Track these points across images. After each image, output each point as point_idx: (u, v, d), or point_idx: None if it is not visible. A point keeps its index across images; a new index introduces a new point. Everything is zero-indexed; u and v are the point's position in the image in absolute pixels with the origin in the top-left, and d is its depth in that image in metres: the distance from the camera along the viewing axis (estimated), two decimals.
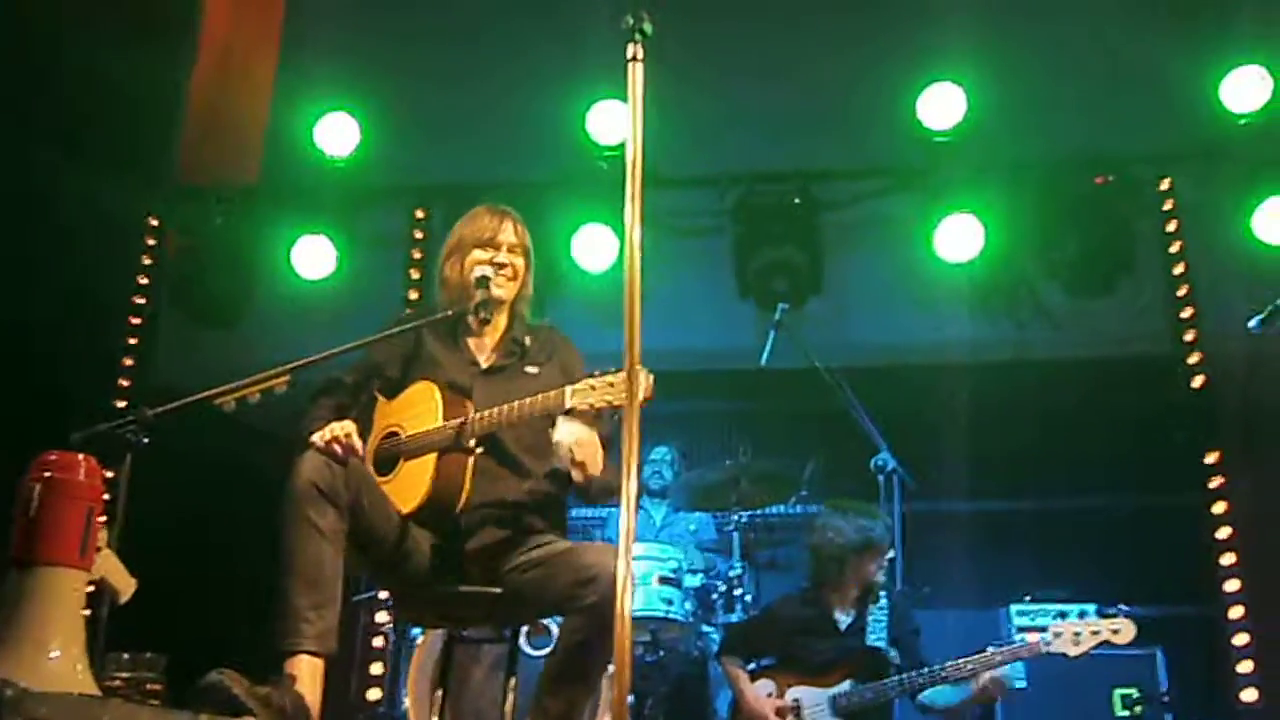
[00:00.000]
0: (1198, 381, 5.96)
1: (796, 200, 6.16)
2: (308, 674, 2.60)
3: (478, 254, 3.25)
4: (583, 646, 2.76)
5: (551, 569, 2.86)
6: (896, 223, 6.30)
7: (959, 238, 6.02)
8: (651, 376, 2.56)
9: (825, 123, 6.42)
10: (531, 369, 3.22)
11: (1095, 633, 3.68)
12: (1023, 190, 6.14)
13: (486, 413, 2.96)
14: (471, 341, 3.30)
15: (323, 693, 2.63)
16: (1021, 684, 3.99)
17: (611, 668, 3.85)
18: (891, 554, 4.23)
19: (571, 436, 2.87)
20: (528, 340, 3.29)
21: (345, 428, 2.87)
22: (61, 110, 5.62)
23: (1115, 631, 3.68)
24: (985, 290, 6.17)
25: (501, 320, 3.32)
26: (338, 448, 2.81)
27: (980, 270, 6.12)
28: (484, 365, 3.25)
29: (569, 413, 2.84)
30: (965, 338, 6.16)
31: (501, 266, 3.25)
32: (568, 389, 2.80)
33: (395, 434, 3.12)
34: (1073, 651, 3.68)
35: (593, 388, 2.75)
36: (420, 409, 3.09)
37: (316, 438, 2.84)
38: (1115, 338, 6.17)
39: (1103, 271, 6.03)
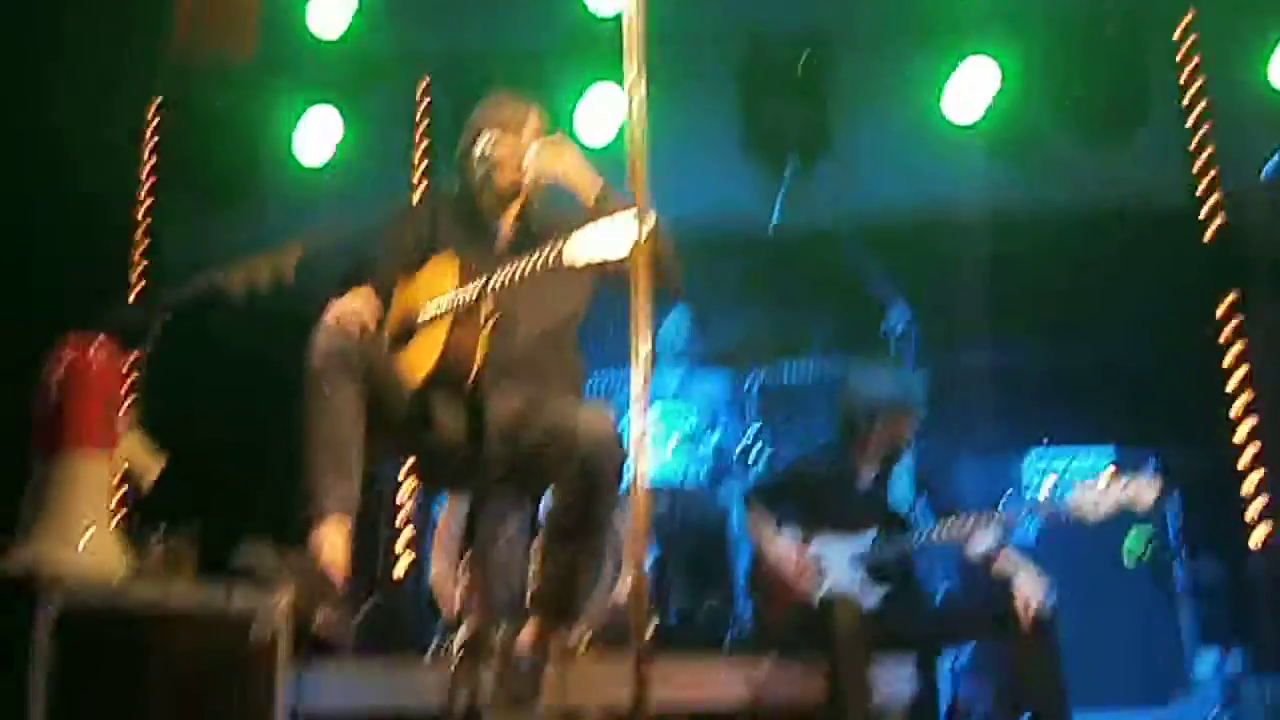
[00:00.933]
0: (1214, 226, 5.92)
1: (805, 55, 6.03)
2: (334, 535, 2.69)
3: (509, 137, 3.26)
4: (572, 505, 2.83)
5: (548, 435, 2.91)
6: (906, 77, 6.17)
7: (971, 88, 5.91)
8: (653, 217, 2.56)
9: None
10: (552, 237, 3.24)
11: (1115, 499, 3.67)
12: (1035, 38, 6.00)
13: (494, 276, 2.98)
14: (490, 221, 3.33)
15: (351, 559, 2.72)
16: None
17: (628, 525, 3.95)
18: (922, 414, 4.20)
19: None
20: (548, 214, 3.31)
21: (352, 303, 2.90)
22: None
23: (1135, 498, 3.66)
24: (997, 143, 6.07)
25: (517, 201, 3.32)
26: (352, 320, 2.86)
27: (992, 123, 6.01)
28: (505, 236, 3.30)
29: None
30: (978, 191, 6.07)
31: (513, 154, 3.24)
32: (565, 242, 2.81)
33: (412, 308, 3.15)
34: (1093, 518, 3.70)
35: (590, 239, 2.76)
36: (436, 282, 3.12)
37: (329, 315, 2.88)
38: (1130, 188, 6.09)
39: (1116, 119, 5.92)
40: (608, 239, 2.71)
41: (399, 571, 5.68)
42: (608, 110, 6.00)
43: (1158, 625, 4.75)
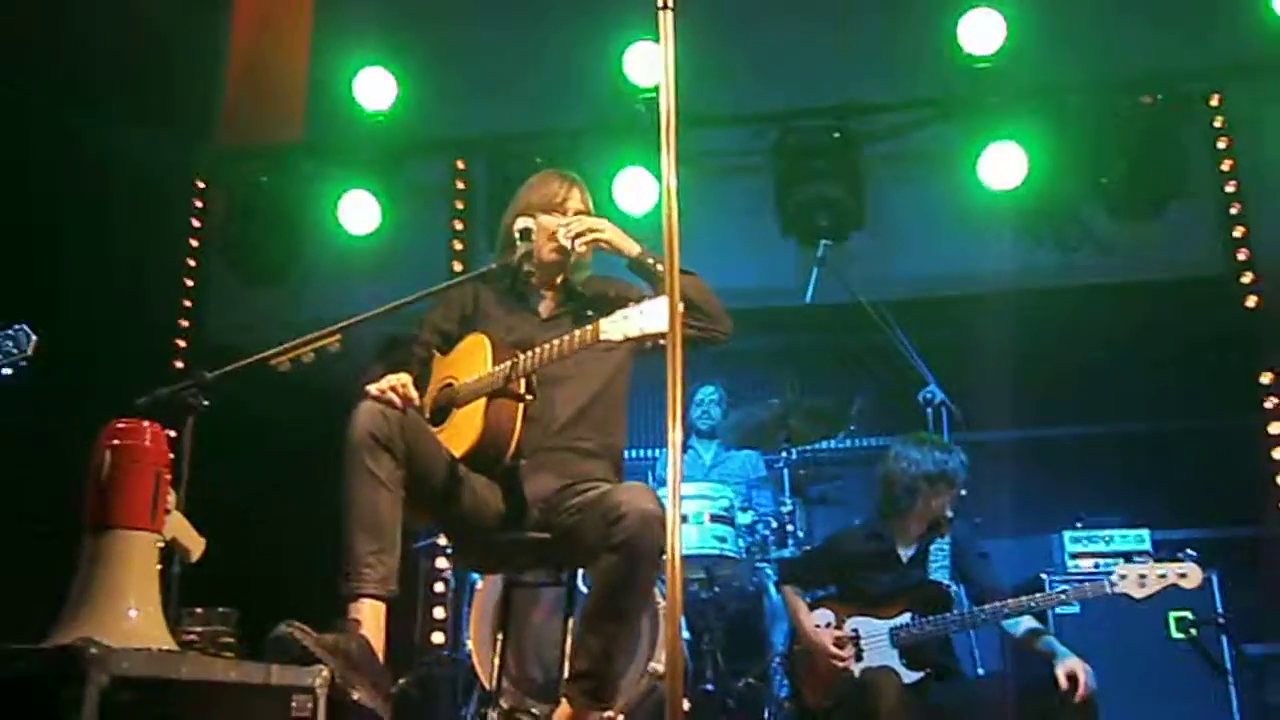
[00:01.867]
0: (1251, 302, 5.91)
1: (836, 135, 6.12)
2: (371, 617, 2.69)
3: (544, 220, 3.32)
4: (614, 585, 2.80)
5: (589, 511, 2.92)
6: (939, 153, 6.24)
7: (1003, 165, 5.97)
8: (683, 305, 2.61)
9: (863, 54, 6.36)
10: (591, 313, 3.28)
11: (1162, 576, 3.64)
12: (1067, 114, 6.07)
13: (528, 354, 3.02)
14: (533, 294, 3.40)
15: (387, 637, 2.72)
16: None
17: (663, 604, 3.94)
18: (963, 491, 4.16)
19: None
20: (589, 289, 3.37)
21: (400, 378, 2.94)
22: (105, 75, 5.69)
23: (1182, 576, 3.64)
24: (1030, 218, 6.11)
25: (560, 275, 3.39)
26: (394, 396, 2.88)
27: (1025, 198, 6.06)
28: (544, 315, 3.36)
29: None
30: (1011, 267, 6.11)
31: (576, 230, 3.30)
32: (603, 321, 2.82)
33: (450, 384, 3.20)
34: (1138, 594, 3.65)
35: (626, 317, 2.78)
36: (472, 359, 3.17)
37: (372, 389, 2.91)
38: (1164, 260, 6.10)
39: (1151, 193, 5.94)
40: (644, 316, 2.74)
41: (438, 640, 5.68)
42: (644, 191, 6.09)
43: (1204, 708, 4.65)
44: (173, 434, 2.69)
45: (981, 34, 5.95)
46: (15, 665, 1.72)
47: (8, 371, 3.65)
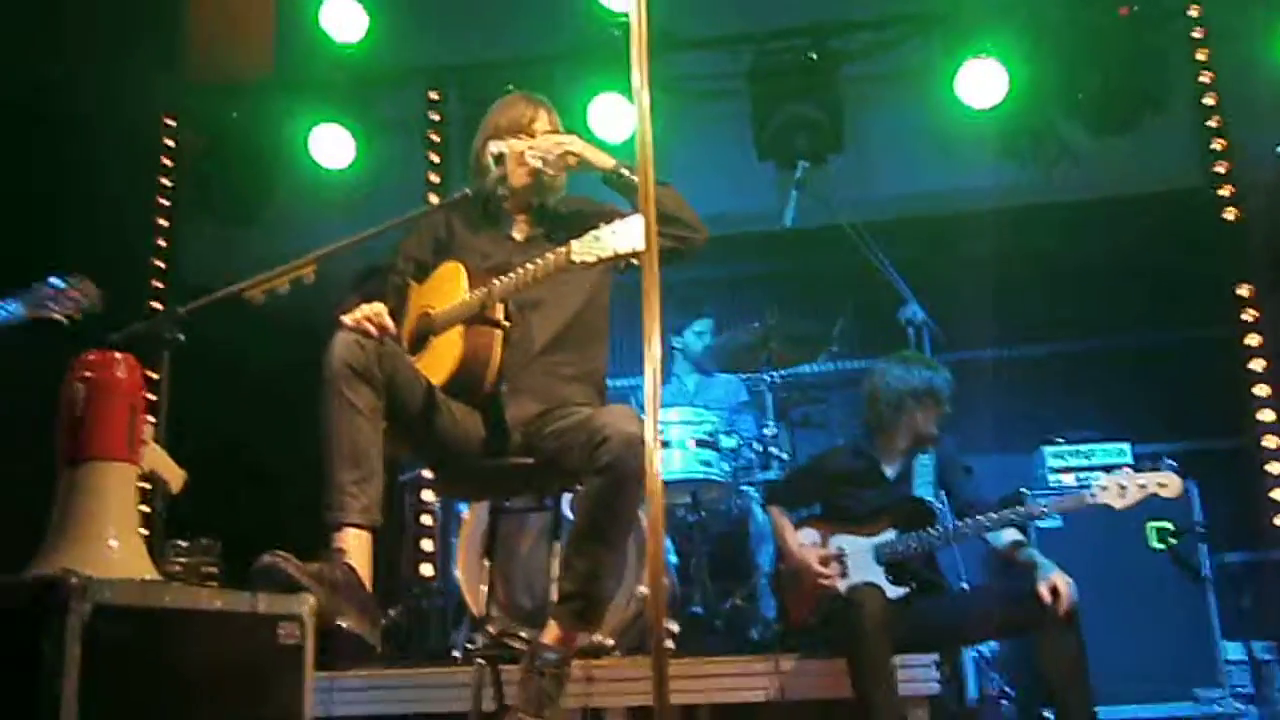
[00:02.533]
0: (1230, 215, 5.90)
1: (812, 55, 6.06)
2: (355, 546, 2.69)
3: (513, 143, 3.28)
4: (599, 507, 2.81)
5: (573, 434, 2.92)
6: (917, 72, 6.18)
7: (981, 82, 5.92)
8: (659, 218, 2.58)
9: None
10: (566, 235, 3.25)
11: (1142, 486, 3.65)
12: (1045, 27, 6.00)
13: (503, 279, 2.99)
14: (507, 218, 3.37)
15: (375, 569, 2.73)
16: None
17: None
18: (948, 408, 4.17)
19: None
20: (563, 209, 3.34)
21: (375, 307, 2.92)
22: (70, 15, 5.58)
23: (1162, 485, 3.66)
24: (1009, 135, 6.07)
25: (529, 196, 3.35)
26: (369, 326, 2.87)
27: (1003, 116, 6.02)
28: (519, 239, 3.33)
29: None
30: (990, 185, 6.10)
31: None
32: (574, 243, 2.80)
33: (427, 313, 3.18)
34: (1119, 505, 3.67)
35: (597, 238, 2.76)
36: (448, 287, 3.15)
37: (348, 319, 2.90)
38: (1143, 175, 6.09)
39: (1128, 107, 5.90)
40: (616, 236, 2.72)
41: (426, 572, 5.72)
42: (620, 117, 6.03)
43: (1184, 616, 4.73)
44: (154, 375, 2.69)
45: None
46: None
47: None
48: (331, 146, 6.35)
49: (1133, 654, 4.51)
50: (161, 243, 6.53)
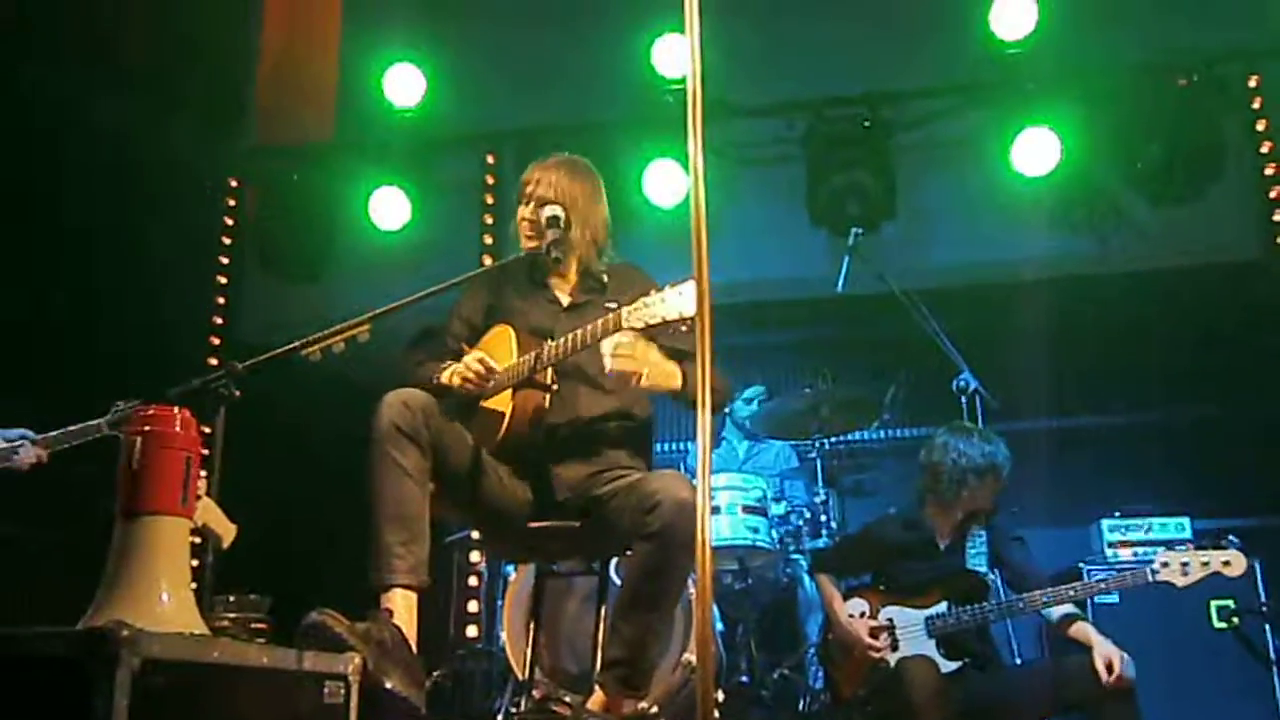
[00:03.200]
0: None
1: (866, 123, 6.08)
2: (403, 607, 2.69)
3: (520, 209, 3.34)
4: (649, 573, 2.79)
5: (623, 499, 2.91)
6: (971, 140, 6.19)
7: (1036, 151, 5.91)
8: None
9: (893, 41, 6.31)
10: (611, 304, 3.27)
11: (1205, 564, 3.59)
12: (1100, 97, 6.00)
13: (552, 344, 3.01)
14: (553, 281, 3.40)
15: (421, 630, 2.72)
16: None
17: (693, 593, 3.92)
18: (1007, 483, 4.10)
19: (611, 343, 2.89)
20: (605, 277, 3.35)
21: (475, 356, 3.01)
22: (138, 77, 5.74)
23: (1226, 564, 3.59)
24: (1064, 204, 6.04)
25: (574, 261, 3.38)
26: (473, 376, 2.97)
27: (1059, 184, 6.00)
28: (565, 303, 3.35)
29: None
30: (1045, 254, 6.05)
31: (533, 223, 3.31)
32: (624, 309, 2.82)
33: None
34: (1180, 583, 3.60)
35: (648, 304, 2.77)
36: (498, 350, 3.17)
37: (445, 376, 3.00)
38: (1202, 245, 6.01)
39: (1188, 178, 5.85)
40: (666, 304, 2.73)
41: (472, 633, 5.69)
42: (673, 183, 6.08)
43: (1247, 698, 4.58)
44: (207, 430, 2.72)
45: (1013, 18, 5.90)
46: (48, 647, 1.73)
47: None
48: (389, 208, 6.46)
49: None
50: (220, 300, 6.65)
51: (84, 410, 4.35)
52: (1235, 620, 4.61)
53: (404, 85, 6.50)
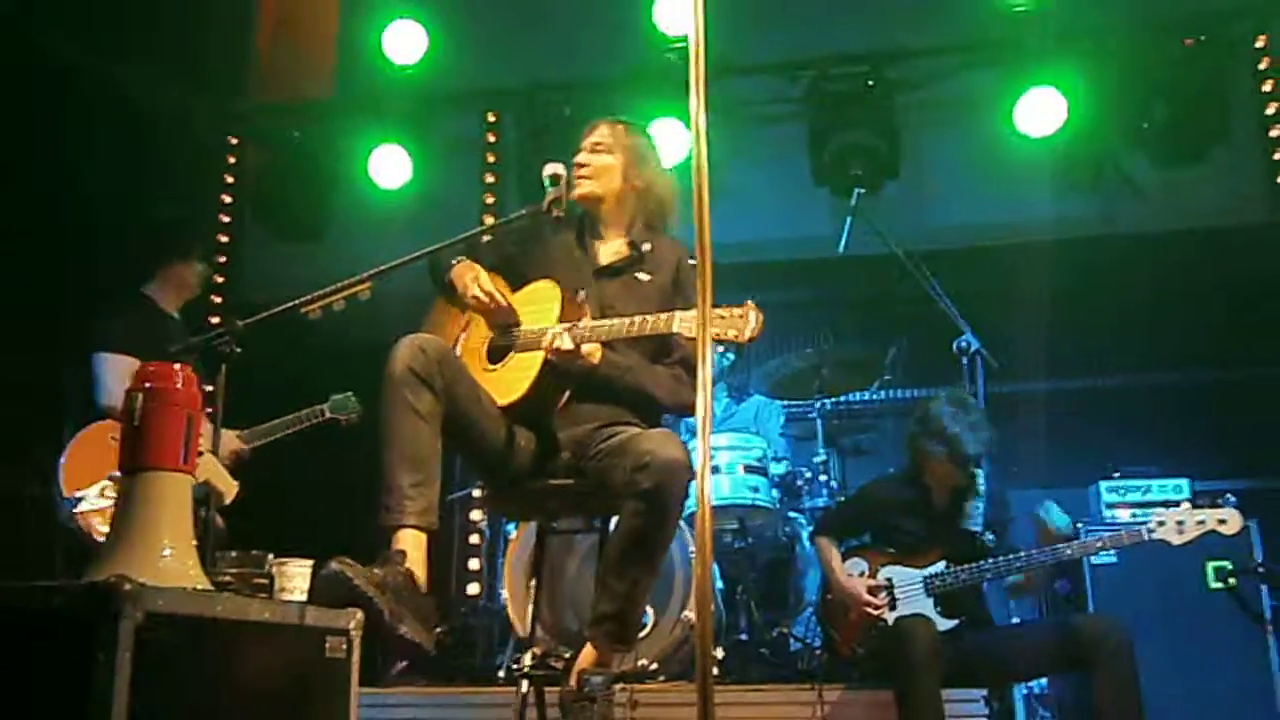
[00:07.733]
0: None
1: (870, 82, 6.03)
2: (413, 547, 2.71)
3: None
4: (640, 530, 2.81)
5: (615, 456, 2.92)
6: (975, 100, 6.15)
7: (1041, 112, 5.85)
8: (761, 315, 2.67)
9: None
10: (644, 275, 3.28)
11: (1201, 522, 3.59)
12: (1107, 58, 5.94)
13: (597, 324, 2.99)
14: (597, 242, 3.39)
15: (428, 572, 2.74)
16: (1065, 520, 3.89)
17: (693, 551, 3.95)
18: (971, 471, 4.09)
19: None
20: (646, 246, 3.34)
21: (484, 284, 3.07)
22: (137, 36, 5.70)
23: (1222, 522, 3.59)
24: (1069, 166, 6.00)
25: (624, 222, 3.38)
26: (484, 297, 3.04)
27: (1063, 145, 5.95)
28: (599, 264, 3.33)
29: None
30: (1048, 215, 6.03)
31: (581, 165, 3.31)
32: (677, 314, 2.83)
33: (513, 326, 3.19)
34: (1176, 540, 3.60)
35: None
36: (540, 307, 3.16)
37: (462, 272, 3.09)
38: (1206, 208, 5.98)
39: (1193, 139, 5.81)
40: (725, 321, 2.73)
41: (473, 591, 5.73)
42: (676, 141, 6.04)
43: (1242, 657, 4.61)
44: (210, 388, 2.72)
45: None
46: (50, 601, 1.75)
47: None
48: (390, 166, 6.43)
49: (1189, 695, 4.40)
50: (222, 259, 6.63)
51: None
52: (1232, 581, 4.62)
53: (405, 42, 6.44)
